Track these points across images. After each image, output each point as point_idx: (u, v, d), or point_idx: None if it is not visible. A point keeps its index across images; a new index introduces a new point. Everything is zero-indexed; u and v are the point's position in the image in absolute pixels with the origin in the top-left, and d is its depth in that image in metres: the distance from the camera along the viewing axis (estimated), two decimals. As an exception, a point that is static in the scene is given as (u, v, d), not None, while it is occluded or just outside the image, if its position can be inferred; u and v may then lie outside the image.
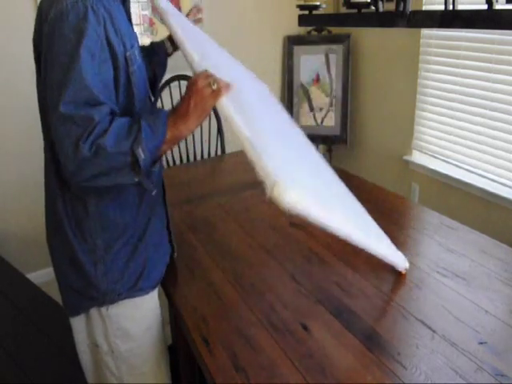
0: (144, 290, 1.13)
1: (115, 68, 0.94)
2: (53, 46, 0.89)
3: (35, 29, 0.98)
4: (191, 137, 2.68)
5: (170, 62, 1.58)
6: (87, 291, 1.08)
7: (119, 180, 0.94)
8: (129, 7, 1.08)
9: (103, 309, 1.10)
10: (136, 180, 0.94)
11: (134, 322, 1.13)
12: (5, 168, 2.44)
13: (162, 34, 2.66)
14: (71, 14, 0.88)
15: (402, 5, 1.02)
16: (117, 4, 0.99)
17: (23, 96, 2.39)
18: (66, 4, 0.88)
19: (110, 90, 0.94)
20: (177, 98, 2.60)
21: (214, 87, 0.93)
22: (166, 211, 1.24)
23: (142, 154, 0.90)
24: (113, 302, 1.09)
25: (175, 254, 1.31)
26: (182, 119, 0.94)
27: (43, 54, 0.92)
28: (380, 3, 1.11)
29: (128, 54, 0.97)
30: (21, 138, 2.43)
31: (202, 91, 0.93)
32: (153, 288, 1.16)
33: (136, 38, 1.06)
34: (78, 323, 1.15)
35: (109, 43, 0.92)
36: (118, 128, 0.90)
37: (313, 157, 1.27)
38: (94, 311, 1.11)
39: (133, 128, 0.91)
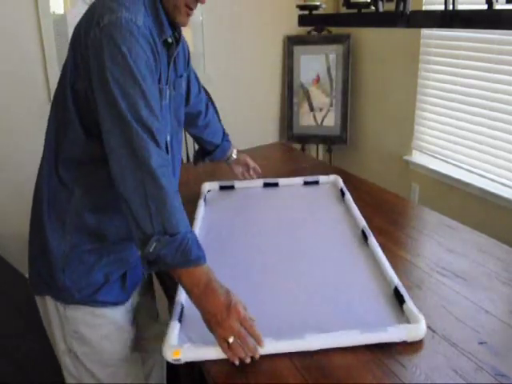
0: (101, 304, 1.10)
1: None
2: (103, 54, 0.90)
3: (78, 31, 0.98)
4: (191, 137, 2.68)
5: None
6: (46, 278, 1.07)
7: (131, 225, 0.95)
8: (172, 54, 1.09)
9: (60, 307, 1.08)
10: (137, 248, 0.95)
11: (90, 328, 1.10)
12: (5, 168, 2.44)
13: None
14: (125, 29, 0.90)
15: (402, 5, 1.02)
16: (160, 43, 1.01)
17: (23, 97, 2.40)
18: (121, 17, 0.90)
19: (159, 109, 0.98)
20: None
21: (231, 341, 0.91)
22: None
23: (151, 248, 0.91)
24: (67, 302, 1.07)
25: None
26: (202, 295, 0.94)
27: (88, 59, 0.93)
28: (380, 3, 1.10)
29: (160, 86, 1.01)
30: (21, 138, 2.43)
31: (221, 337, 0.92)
32: (113, 305, 1.12)
33: (178, 84, 1.16)
34: (39, 303, 1.14)
35: (151, 68, 0.95)
36: (175, 203, 0.94)
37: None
38: (50, 302, 1.09)
39: (178, 224, 0.93)
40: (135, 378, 1.22)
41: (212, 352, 0.95)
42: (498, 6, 0.86)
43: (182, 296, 1.10)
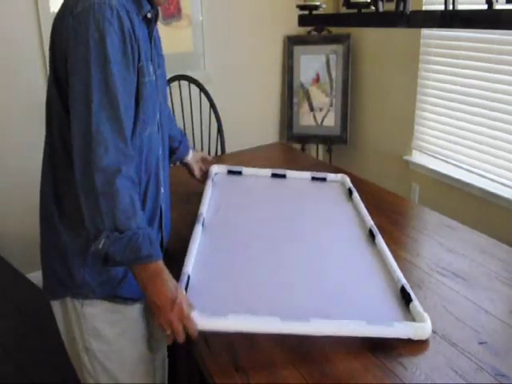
0: (122, 299, 1.10)
1: None
2: (76, 41, 0.91)
3: (55, 23, 0.99)
4: (191, 137, 2.68)
5: (170, 62, 1.57)
6: (64, 278, 1.07)
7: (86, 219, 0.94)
8: (152, 30, 1.09)
9: (78, 304, 1.08)
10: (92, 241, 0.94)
11: (108, 325, 1.11)
12: (5, 168, 2.44)
13: (161, 34, 2.66)
14: (97, 13, 0.90)
15: (402, 5, 1.02)
16: (139, 20, 1.01)
17: (23, 96, 2.40)
18: (93, 2, 0.90)
19: (131, 96, 0.98)
20: (177, 97, 2.60)
21: (168, 333, 0.93)
22: (162, 233, 1.21)
23: (99, 245, 0.91)
24: (86, 297, 1.07)
25: None
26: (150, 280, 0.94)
27: (64, 47, 0.93)
28: (380, 3, 1.10)
29: (140, 65, 1.00)
30: (21, 137, 2.43)
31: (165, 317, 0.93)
32: (133, 301, 1.12)
33: (161, 63, 1.13)
34: (56, 309, 1.14)
35: (126, 49, 0.95)
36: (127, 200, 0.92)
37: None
38: (69, 302, 1.09)
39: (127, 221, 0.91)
40: (152, 378, 1.22)
41: (218, 324, 0.94)
42: (497, 6, 0.86)
43: (188, 267, 1.10)
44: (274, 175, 1.77)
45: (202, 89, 2.61)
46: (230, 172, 1.77)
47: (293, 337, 1.03)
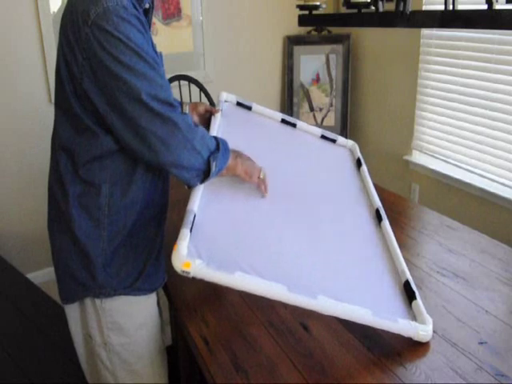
0: (141, 291, 1.13)
1: None
2: (101, 47, 0.91)
3: (64, 32, 0.98)
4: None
5: (170, 62, 1.57)
6: (85, 280, 1.08)
7: (185, 175, 1.03)
8: (151, 19, 1.11)
9: (97, 301, 1.10)
10: (194, 184, 1.07)
11: (128, 317, 1.13)
12: (5, 168, 2.45)
13: (162, 34, 2.67)
14: (114, 16, 0.91)
15: (401, 5, 1.02)
16: (141, 12, 1.03)
17: (23, 96, 2.40)
18: (106, 6, 0.91)
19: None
20: (177, 97, 2.60)
21: (261, 176, 1.17)
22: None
23: (213, 167, 1.03)
24: (108, 295, 1.09)
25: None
26: (239, 160, 1.12)
27: (86, 57, 0.94)
28: (380, 3, 1.11)
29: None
30: (21, 137, 2.43)
31: (254, 173, 1.16)
32: (151, 291, 1.16)
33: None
34: (72, 311, 1.15)
35: (148, 43, 0.98)
36: (202, 131, 1.04)
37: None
38: (88, 301, 1.11)
39: (212, 140, 1.05)
40: (166, 369, 1.25)
41: (223, 278, 0.89)
42: (497, 6, 0.86)
43: (194, 205, 1.06)
44: (284, 121, 1.66)
45: (201, 89, 2.61)
46: (239, 104, 1.66)
47: (293, 337, 1.03)
